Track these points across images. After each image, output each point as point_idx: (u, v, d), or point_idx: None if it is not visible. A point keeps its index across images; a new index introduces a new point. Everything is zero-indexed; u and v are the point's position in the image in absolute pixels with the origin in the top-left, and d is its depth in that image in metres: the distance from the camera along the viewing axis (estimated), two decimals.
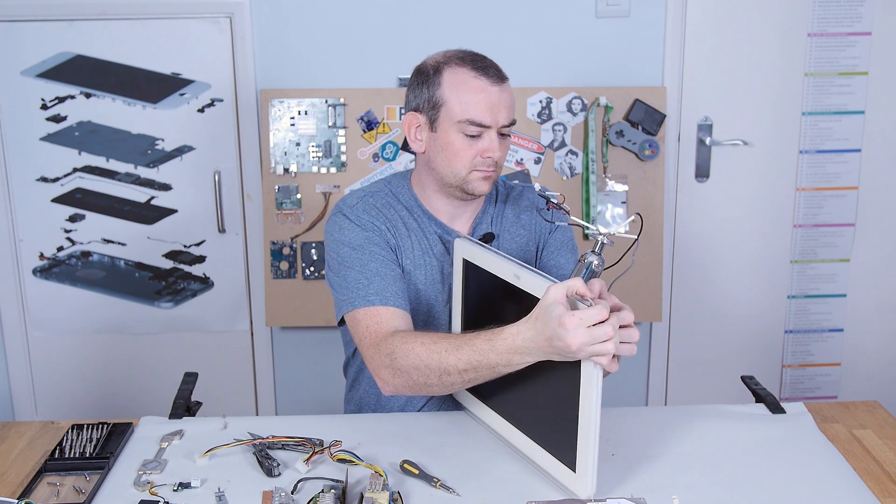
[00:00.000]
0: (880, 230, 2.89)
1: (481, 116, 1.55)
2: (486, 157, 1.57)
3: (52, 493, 1.39)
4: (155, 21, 2.65)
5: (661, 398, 2.98)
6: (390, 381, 1.47)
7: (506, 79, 1.59)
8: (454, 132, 1.57)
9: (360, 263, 1.57)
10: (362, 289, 1.55)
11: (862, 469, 1.46)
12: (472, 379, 1.39)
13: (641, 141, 2.71)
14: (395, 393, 1.49)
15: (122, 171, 2.74)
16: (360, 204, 1.64)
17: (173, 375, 1.88)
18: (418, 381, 1.43)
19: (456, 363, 1.37)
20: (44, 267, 2.80)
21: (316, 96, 2.68)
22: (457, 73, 1.56)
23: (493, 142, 1.57)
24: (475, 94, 1.55)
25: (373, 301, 1.53)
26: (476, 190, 1.61)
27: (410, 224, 1.66)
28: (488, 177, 1.60)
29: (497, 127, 1.57)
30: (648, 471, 1.42)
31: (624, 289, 2.73)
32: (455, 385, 1.42)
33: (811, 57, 2.77)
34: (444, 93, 1.57)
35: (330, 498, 1.30)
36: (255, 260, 2.81)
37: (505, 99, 1.57)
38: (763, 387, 1.73)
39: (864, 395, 2.79)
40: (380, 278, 1.56)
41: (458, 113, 1.56)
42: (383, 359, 1.47)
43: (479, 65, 1.57)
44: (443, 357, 1.39)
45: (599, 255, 1.40)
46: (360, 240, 1.59)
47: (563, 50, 2.72)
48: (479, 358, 1.35)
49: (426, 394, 1.48)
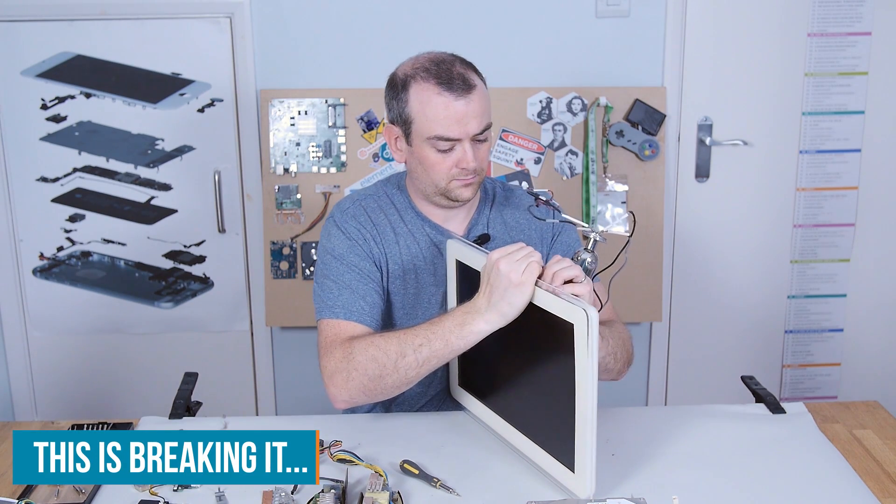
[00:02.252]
0: (880, 230, 2.89)
1: (448, 131, 1.55)
2: (461, 168, 1.57)
3: (52, 493, 1.39)
4: (155, 21, 2.64)
5: (661, 398, 2.98)
6: (343, 387, 1.48)
7: (473, 87, 1.55)
8: (427, 147, 1.57)
9: (337, 274, 1.60)
10: (331, 300, 1.58)
11: (862, 469, 1.46)
12: (427, 359, 1.43)
13: (641, 141, 2.71)
14: (348, 402, 1.51)
15: (122, 171, 2.74)
16: (351, 209, 1.66)
17: (173, 375, 1.88)
18: (374, 374, 1.45)
19: (412, 340, 1.44)
20: (44, 267, 2.80)
21: (316, 96, 2.68)
22: (422, 88, 1.55)
23: (466, 152, 1.56)
24: (440, 111, 1.54)
25: (337, 314, 1.56)
26: (459, 197, 1.61)
27: (400, 229, 1.66)
28: (469, 184, 1.60)
29: (468, 137, 1.56)
30: (648, 471, 1.42)
31: (624, 289, 2.74)
32: (410, 370, 1.44)
33: (811, 57, 2.77)
34: (412, 110, 1.57)
35: (330, 498, 1.30)
36: (255, 260, 2.81)
37: (473, 109, 1.55)
38: (763, 387, 1.73)
39: (864, 395, 2.79)
40: (349, 292, 1.58)
41: (426, 130, 1.56)
42: (338, 363, 1.49)
43: (443, 78, 1.54)
44: (400, 339, 1.45)
45: (593, 252, 1.42)
46: (342, 249, 1.62)
47: (563, 50, 2.72)
48: (433, 329, 1.43)
49: (380, 391, 1.48)
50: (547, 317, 1.31)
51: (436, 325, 1.44)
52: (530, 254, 1.37)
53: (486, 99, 1.58)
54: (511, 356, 1.48)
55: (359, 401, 1.51)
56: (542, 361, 1.38)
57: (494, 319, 1.39)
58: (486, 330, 1.40)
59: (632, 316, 2.82)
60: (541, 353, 1.39)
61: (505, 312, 1.37)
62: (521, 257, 1.36)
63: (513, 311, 1.37)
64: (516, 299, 1.36)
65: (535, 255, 1.37)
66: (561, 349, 1.29)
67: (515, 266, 1.35)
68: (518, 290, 1.35)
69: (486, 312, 1.39)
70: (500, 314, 1.38)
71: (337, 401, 1.52)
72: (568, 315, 1.27)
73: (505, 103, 2.68)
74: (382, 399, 1.52)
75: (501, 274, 1.36)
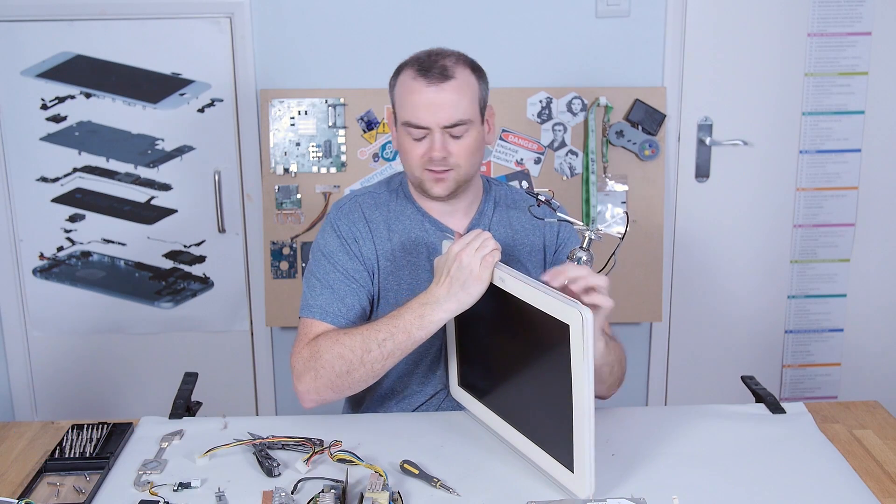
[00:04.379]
0: (880, 230, 2.89)
1: (417, 118, 1.55)
2: (429, 157, 1.57)
3: (52, 493, 1.39)
4: (155, 21, 2.65)
5: (661, 398, 2.98)
6: (311, 386, 1.52)
7: (449, 78, 1.54)
8: (403, 134, 1.60)
9: (322, 273, 1.62)
10: (312, 299, 1.61)
11: (862, 469, 1.46)
12: (391, 352, 1.47)
13: (641, 141, 2.71)
14: (316, 400, 1.54)
15: (122, 171, 2.74)
16: (346, 206, 1.68)
17: (173, 375, 1.88)
18: (341, 370, 1.49)
19: (375, 335, 1.47)
20: (44, 267, 2.80)
21: (316, 96, 2.68)
22: (405, 74, 1.58)
23: (434, 143, 1.56)
24: (412, 96, 1.55)
25: (314, 314, 1.59)
26: (430, 191, 1.62)
27: (396, 225, 1.67)
28: (440, 179, 1.59)
29: (438, 127, 1.55)
30: (648, 471, 1.42)
31: (624, 289, 2.74)
32: (376, 363, 1.48)
33: (811, 57, 2.77)
34: (396, 94, 1.61)
35: (330, 498, 1.30)
36: (255, 260, 2.81)
37: (445, 99, 1.54)
38: (763, 387, 1.73)
39: (864, 395, 2.78)
40: (330, 292, 1.60)
41: (401, 115, 1.59)
42: (307, 361, 1.52)
43: (422, 65, 1.56)
44: (364, 336, 1.48)
45: (587, 250, 1.43)
46: (331, 247, 1.64)
47: (563, 50, 2.72)
48: (395, 322, 1.47)
49: (347, 386, 1.52)
50: (543, 317, 1.32)
51: (397, 318, 1.48)
52: (487, 240, 1.43)
53: (465, 93, 1.56)
54: (510, 356, 1.48)
55: (327, 398, 1.54)
56: (540, 361, 1.39)
57: (453, 308, 1.45)
58: (444, 318, 1.46)
59: (632, 316, 2.82)
60: (539, 353, 1.39)
61: (463, 301, 1.44)
62: (478, 245, 1.42)
63: (470, 300, 1.43)
64: (475, 289, 1.42)
65: (491, 241, 1.43)
66: (558, 349, 1.29)
67: (476, 257, 1.41)
68: (478, 281, 1.42)
69: (444, 302, 1.45)
70: (459, 303, 1.44)
71: (305, 399, 1.54)
72: (564, 316, 1.27)
73: (505, 103, 2.68)
74: (350, 394, 1.56)
75: (463, 266, 1.42)
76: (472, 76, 1.59)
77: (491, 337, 1.53)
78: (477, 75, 1.61)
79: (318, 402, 1.55)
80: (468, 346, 1.60)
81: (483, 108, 1.62)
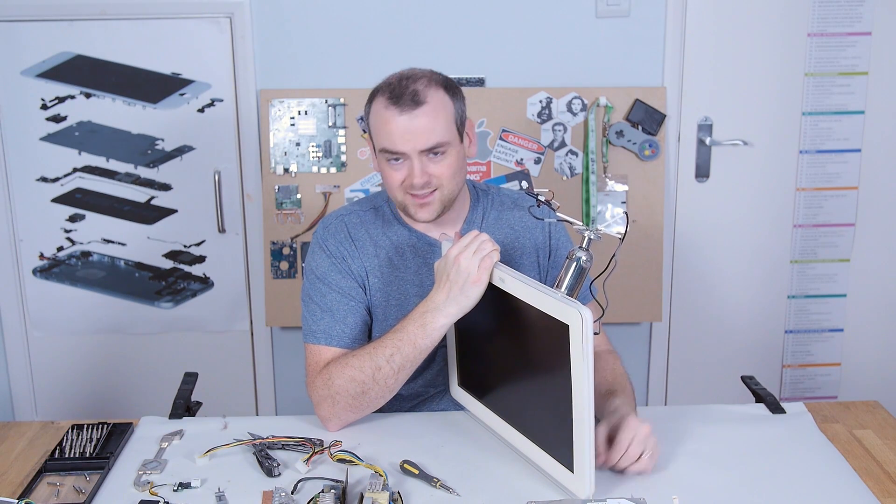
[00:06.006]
0: (880, 230, 2.89)
1: (393, 145, 1.54)
2: (408, 183, 1.56)
3: (52, 493, 1.39)
4: (155, 21, 2.64)
5: (661, 398, 2.98)
6: (331, 413, 1.54)
7: (421, 104, 1.52)
8: (381, 159, 1.59)
9: (319, 296, 1.62)
10: (313, 324, 1.61)
11: (862, 469, 1.46)
12: (401, 366, 1.48)
13: (641, 141, 2.71)
14: (339, 424, 1.56)
15: (122, 171, 2.74)
16: (333, 225, 1.67)
17: (173, 375, 1.88)
18: (356, 392, 1.51)
19: (383, 352, 1.49)
20: (44, 267, 2.80)
21: (316, 96, 2.68)
22: (378, 102, 1.57)
23: (412, 168, 1.54)
24: (386, 125, 1.54)
25: (319, 339, 1.60)
26: (416, 216, 1.60)
27: (382, 241, 1.66)
28: (425, 204, 1.58)
29: (415, 153, 1.54)
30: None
31: (624, 289, 2.74)
32: (388, 379, 1.49)
33: (811, 57, 2.77)
34: (370, 123, 1.60)
35: (330, 498, 1.30)
36: (255, 260, 2.81)
37: (418, 125, 1.52)
38: (763, 387, 1.73)
39: (864, 395, 2.79)
40: (329, 316, 1.60)
41: (377, 142, 1.58)
42: (321, 390, 1.54)
43: (394, 93, 1.54)
44: (372, 354, 1.50)
45: (587, 250, 1.43)
46: (324, 268, 1.64)
47: (563, 50, 2.72)
48: (399, 336, 1.48)
49: (366, 405, 1.54)
50: (543, 317, 1.32)
51: (400, 331, 1.49)
52: (484, 242, 1.44)
53: (440, 116, 1.54)
54: (510, 356, 1.48)
55: (350, 419, 1.56)
56: (540, 362, 1.39)
57: (454, 312, 1.46)
58: (447, 324, 1.47)
59: (632, 316, 2.82)
60: (538, 353, 1.39)
61: (463, 305, 1.45)
62: (476, 247, 1.43)
63: (470, 303, 1.45)
64: (474, 292, 1.44)
65: (489, 243, 1.44)
66: (557, 350, 1.29)
67: (474, 259, 1.43)
68: (476, 283, 1.43)
69: (444, 307, 1.46)
70: (459, 307, 1.45)
71: (329, 426, 1.57)
72: (563, 316, 1.27)
73: (505, 103, 2.68)
74: (372, 411, 1.57)
75: (462, 270, 1.43)
76: (446, 96, 1.56)
77: (491, 337, 1.53)
78: (451, 94, 1.57)
79: (342, 425, 1.57)
80: (468, 347, 1.60)
81: (461, 126, 1.60)
